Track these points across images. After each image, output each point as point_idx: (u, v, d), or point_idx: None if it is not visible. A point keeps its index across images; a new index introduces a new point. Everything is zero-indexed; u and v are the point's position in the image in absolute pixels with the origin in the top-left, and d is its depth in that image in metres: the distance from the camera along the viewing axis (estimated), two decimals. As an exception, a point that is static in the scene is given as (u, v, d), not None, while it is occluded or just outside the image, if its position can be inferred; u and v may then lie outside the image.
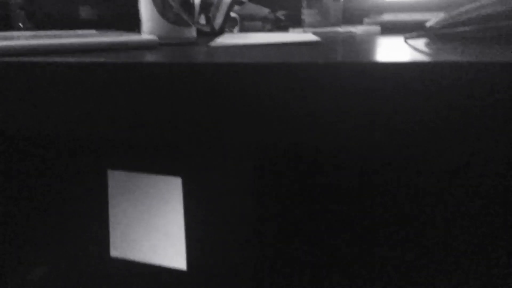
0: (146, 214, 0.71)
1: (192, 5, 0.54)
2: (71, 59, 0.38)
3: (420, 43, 0.46)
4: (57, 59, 0.39)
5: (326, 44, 0.50)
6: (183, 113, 0.38)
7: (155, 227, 0.70)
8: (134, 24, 0.55)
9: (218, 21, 0.67)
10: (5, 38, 0.45)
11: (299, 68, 0.34)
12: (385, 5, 0.96)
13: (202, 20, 0.76)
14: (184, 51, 0.46)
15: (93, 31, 0.57)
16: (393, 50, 0.40)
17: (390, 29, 0.69)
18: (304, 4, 0.76)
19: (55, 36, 0.48)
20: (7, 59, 0.39)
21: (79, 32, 0.55)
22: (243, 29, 0.74)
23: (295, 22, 0.90)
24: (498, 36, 0.45)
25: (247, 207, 0.43)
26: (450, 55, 0.34)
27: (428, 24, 0.52)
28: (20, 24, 0.73)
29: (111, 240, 0.69)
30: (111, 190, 0.69)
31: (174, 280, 0.59)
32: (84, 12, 0.61)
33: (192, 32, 0.55)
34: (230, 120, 0.37)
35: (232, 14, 0.72)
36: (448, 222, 0.46)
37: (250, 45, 0.51)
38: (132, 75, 0.38)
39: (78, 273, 0.68)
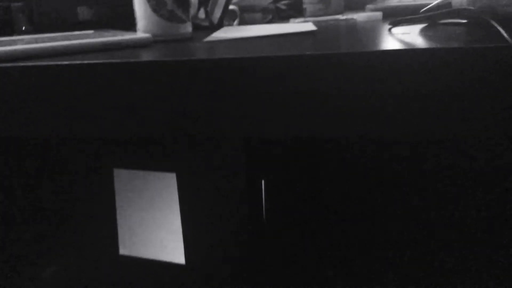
0: (152, 211, 0.72)
1: (186, 1, 0.54)
2: (68, 62, 0.39)
3: (406, 29, 0.45)
4: (56, 62, 0.39)
5: (320, 33, 0.49)
6: (177, 109, 0.38)
7: (161, 223, 0.71)
8: (131, 22, 0.55)
9: (216, 15, 0.67)
10: (3, 44, 0.46)
11: (280, 61, 0.33)
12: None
13: (202, 14, 0.75)
14: (177, 48, 0.45)
15: (90, 32, 0.58)
16: (372, 39, 0.39)
17: (392, 14, 0.67)
18: (305, -7, 0.75)
19: (49, 40, 0.49)
20: (8, 64, 0.40)
21: (76, 33, 0.56)
22: (243, 21, 0.73)
23: (298, 11, 0.88)
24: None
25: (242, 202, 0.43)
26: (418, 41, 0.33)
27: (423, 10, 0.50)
28: (23, 27, 0.75)
29: (120, 238, 0.70)
30: (117, 189, 0.70)
31: (174, 274, 0.60)
32: (82, 12, 0.61)
33: (188, 28, 0.55)
34: (222, 114, 0.37)
35: (231, 7, 0.71)
36: None
37: (243, 39, 0.51)
38: (121, 74, 0.38)
39: (88, 272, 0.70)
